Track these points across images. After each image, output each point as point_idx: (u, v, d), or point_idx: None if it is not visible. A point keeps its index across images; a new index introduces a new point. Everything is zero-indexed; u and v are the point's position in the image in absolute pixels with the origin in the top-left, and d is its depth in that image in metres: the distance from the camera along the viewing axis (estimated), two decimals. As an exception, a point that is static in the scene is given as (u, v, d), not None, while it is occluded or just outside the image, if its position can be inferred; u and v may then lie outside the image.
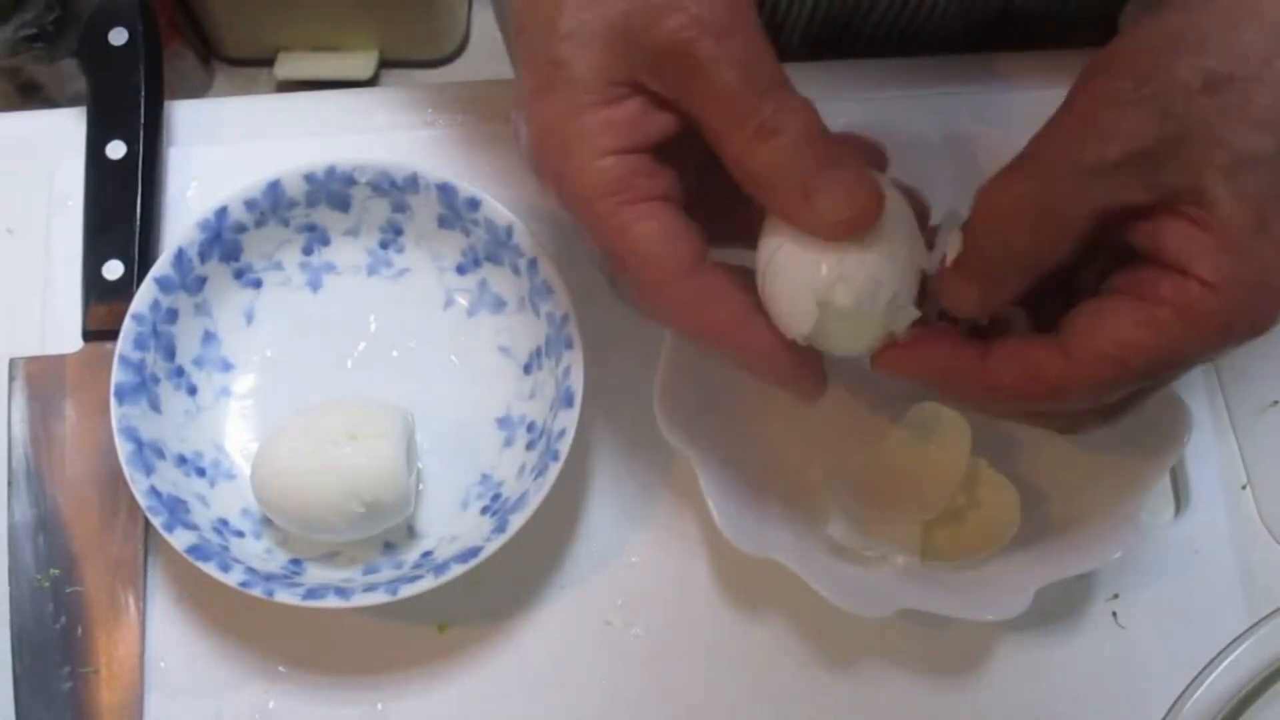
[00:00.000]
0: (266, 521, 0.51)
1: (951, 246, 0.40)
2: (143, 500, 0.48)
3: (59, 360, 0.54)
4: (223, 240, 0.53)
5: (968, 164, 0.57)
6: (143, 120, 0.57)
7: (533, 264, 0.52)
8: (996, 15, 0.63)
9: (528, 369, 0.53)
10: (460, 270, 0.55)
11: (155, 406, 0.51)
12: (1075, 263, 0.39)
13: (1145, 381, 0.38)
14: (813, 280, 0.39)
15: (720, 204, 0.42)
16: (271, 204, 0.53)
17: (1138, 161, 0.36)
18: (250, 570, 0.48)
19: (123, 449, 0.49)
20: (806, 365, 0.42)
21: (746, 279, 0.42)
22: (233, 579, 0.47)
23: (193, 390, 0.53)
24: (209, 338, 0.54)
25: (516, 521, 0.48)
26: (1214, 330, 0.37)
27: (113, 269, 0.55)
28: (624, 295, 0.42)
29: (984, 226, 0.39)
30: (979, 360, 0.40)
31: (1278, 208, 0.36)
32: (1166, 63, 0.37)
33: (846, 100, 0.59)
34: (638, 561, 0.53)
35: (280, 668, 0.51)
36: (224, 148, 0.59)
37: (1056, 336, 0.39)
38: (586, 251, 0.41)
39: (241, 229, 0.53)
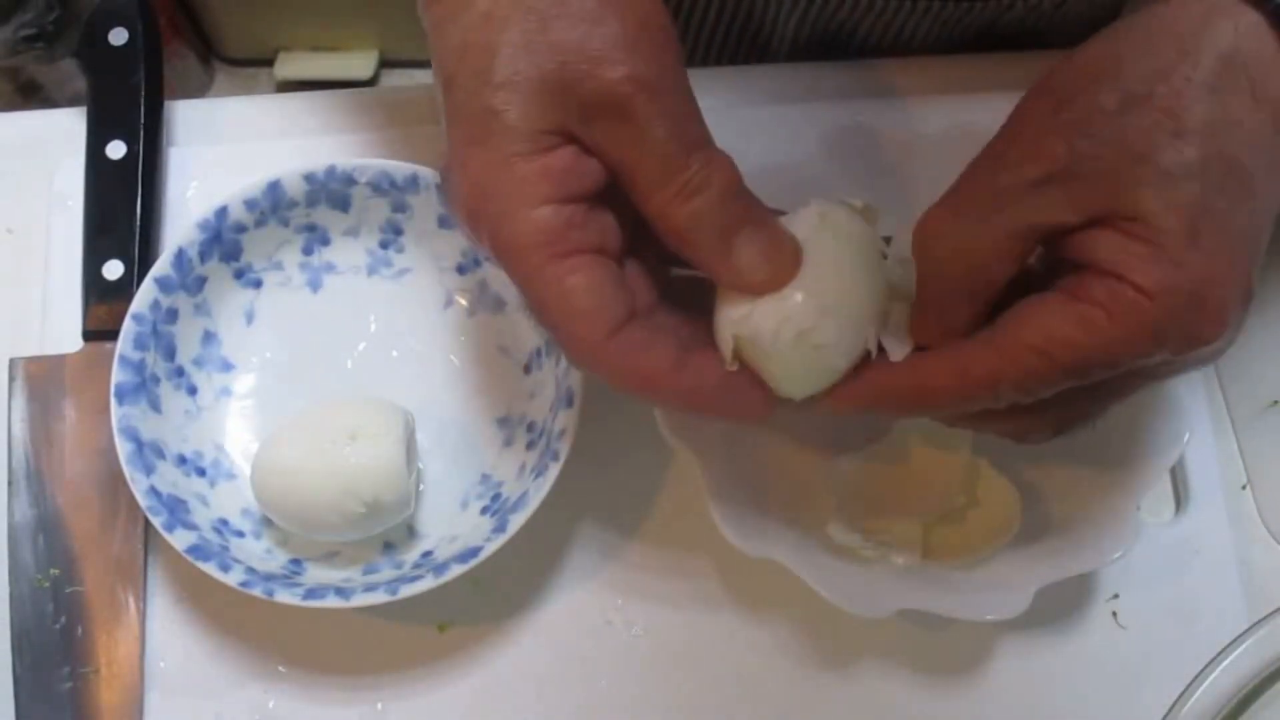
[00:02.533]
0: (266, 521, 0.51)
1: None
2: (143, 500, 0.48)
3: (59, 360, 0.54)
4: (223, 240, 0.53)
5: (958, 167, 0.57)
6: (143, 120, 0.57)
7: (533, 264, 0.52)
8: (977, 35, 0.63)
9: (528, 369, 0.53)
10: (460, 270, 0.55)
11: (155, 406, 0.51)
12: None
13: (1074, 376, 0.38)
14: (731, 316, 0.41)
15: None
16: (271, 204, 0.53)
17: (1057, 182, 0.37)
18: (250, 570, 0.48)
19: (123, 449, 0.49)
20: (743, 391, 0.41)
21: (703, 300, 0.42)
22: (233, 579, 0.47)
23: (193, 390, 0.53)
24: (209, 338, 0.54)
25: (516, 521, 0.48)
26: (1145, 335, 0.37)
27: (113, 269, 0.55)
28: (552, 342, 0.42)
29: (921, 261, 0.40)
30: (911, 370, 0.41)
31: (1208, 218, 0.37)
32: (1084, 87, 0.38)
33: (835, 102, 0.59)
34: (638, 561, 0.53)
35: (280, 668, 0.51)
36: (224, 148, 0.59)
37: (989, 333, 0.39)
38: (521, 301, 0.42)
39: (241, 229, 0.53)
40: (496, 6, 0.39)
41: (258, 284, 0.55)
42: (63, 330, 0.55)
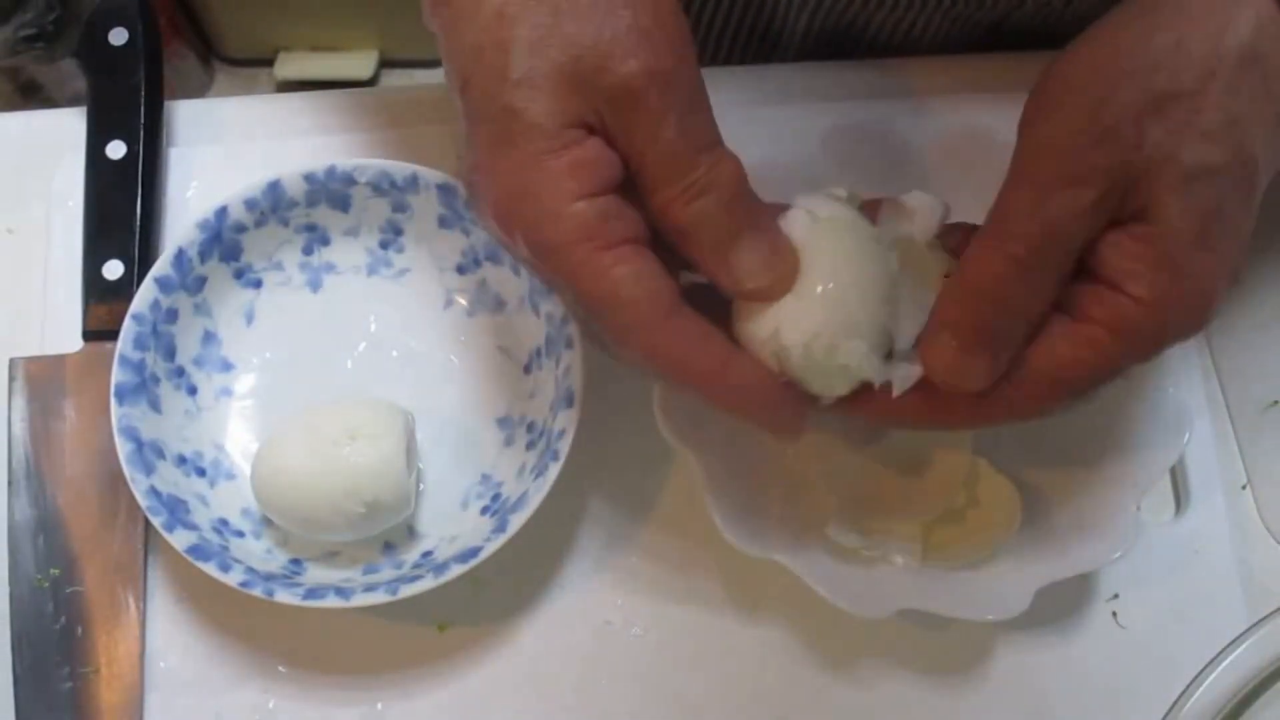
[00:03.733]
0: (266, 521, 0.51)
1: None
2: (143, 500, 0.48)
3: (59, 360, 0.54)
4: (223, 240, 0.53)
5: (967, 167, 0.57)
6: (143, 120, 0.57)
7: (533, 264, 0.52)
8: (987, 32, 0.63)
9: (528, 369, 0.53)
10: (460, 270, 0.55)
11: (155, 406, 0.51)
12: None
13: (1085, 393, 0.39)
14: (759, 331, 0.40)
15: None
16: (271, 204, 0.53)
17: (1108, 196, 0.37)
18: (250, 570, 0.48)
19: (123, 449, 0.49)
20: (789, 403, 0.41)
21: (716, 307, 0.42)
22: (233, 579, 0.47)
23: (193, 390, 0.53)
24: (209, 338, 0.54)
25: (516, 521, 0.48)
26: (1146, 341, 0.38)
27: (113, 269, 0.55)
28: (598, 341, 0.42)
29: (977, 298, 0.39)
30: (928, 392, 0.41)
31: (1218, 220, 0.37)
32: (1115, 88, 0.37)
33: (842, 101, 0.59)
34: (638, 561, 0.53)
35: (280, 668, 0.51)
36: (224, 148, 0.59)
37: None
38: (560, 300, 0.41)
39: (241, 229, 0.53)
40: (508, 4, 0.38)
41: (258, 284, 0.55)
42: (63, 330, 0.55)
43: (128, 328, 0.51)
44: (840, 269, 0.40)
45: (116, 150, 0.56)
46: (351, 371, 0.55)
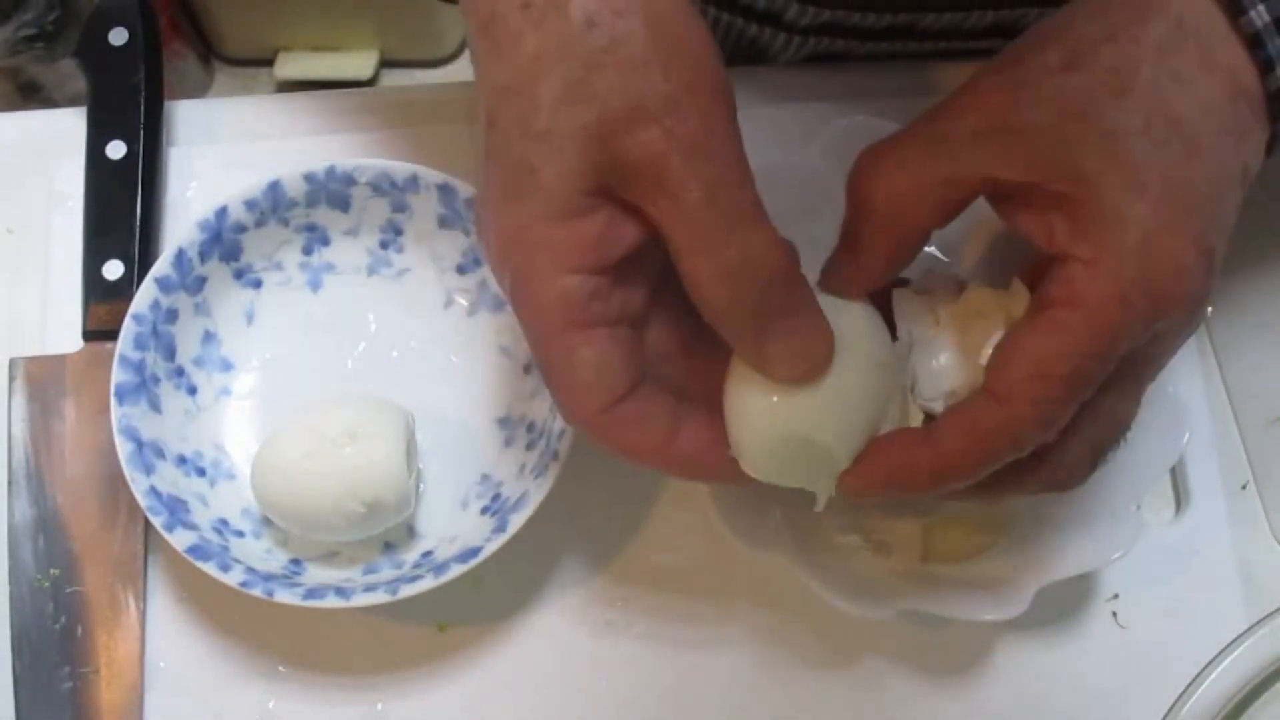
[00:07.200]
0: (266, 521, 0.51)
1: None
2: (143, 500, 0.48)
3: (59, 360, 0.54)
4: (223, 240, 0.53)
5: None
6: (143, 120, 0.57)
7: (533, 264, 0.52)
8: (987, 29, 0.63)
9: (528, 369, 0.53)
10: (460, 270, 0.55)
11: (155, 406, 0.51)
12: None
13: (1083, 384, 0.37)
14: (755, 415, 0.40)
15: None
16: (271, 204, 0.53)
17: (997, 135, 0.37)
18: (250, 570, 0.48)
19: (123, 449, 0.49)
20: (728, 470, 0.41)
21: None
22: (233, 579, 0.47)
23: (193, 390, 0.53)
24: (209, 338, 0.54)
25: (516, 521, 0.48)
26: (1109, 304, 0.36)
27: (113, 269, 0.55)
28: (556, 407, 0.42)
29: (851, 200, 0.40)
30: (925, 440, 0.39)
31: (1152, 173, 0.36)
32: (1034, 48, 0.38)
33: (837, 103, 0.59)
34: (638, 562, 0.53)
35: (280, 668, 0.51)
36: (224, 148, 0.59)
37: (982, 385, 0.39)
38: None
39: (241, 229, 0.53)
40: (545, 48, 0.37)
41: (258, 284, 0.55)
42: (63, 330, 0.55)
43: (128, 328, 0.51)
44: (840, 378, 0.39)
45: (116, 150, 0.56)
46: (351, 371, 0.55)
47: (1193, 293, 0.37)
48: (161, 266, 0.51)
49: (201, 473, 0.51)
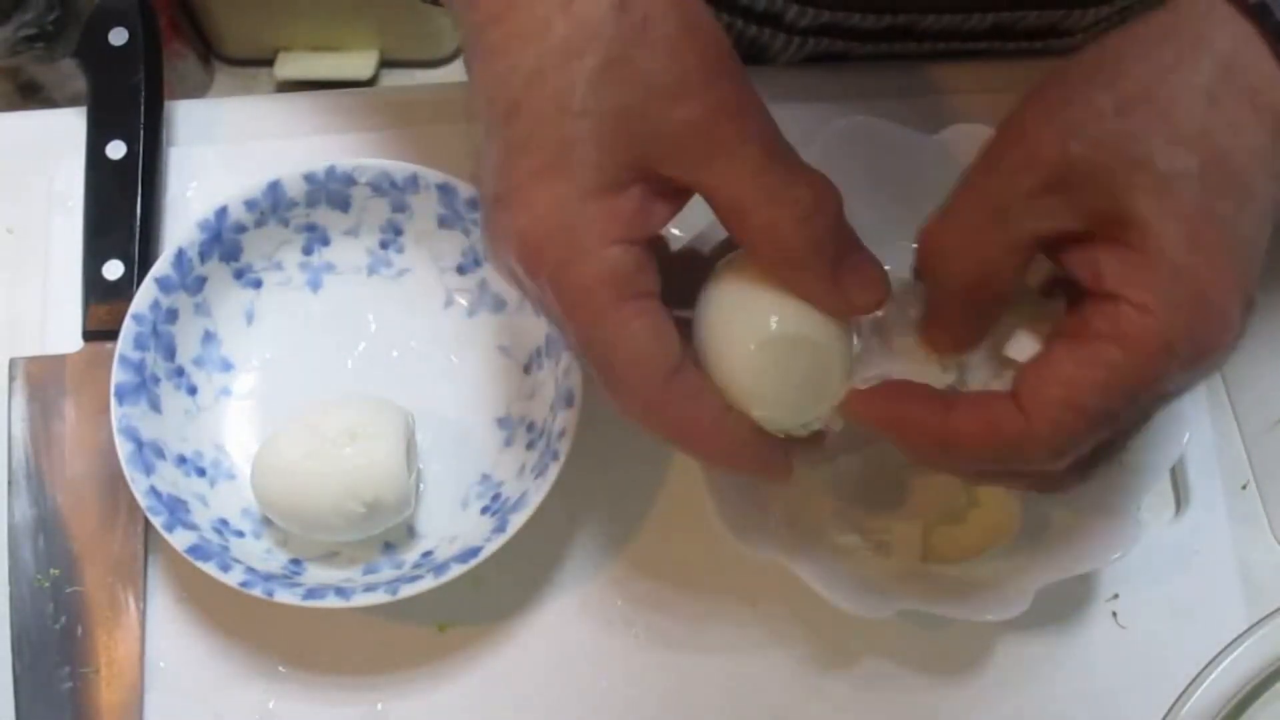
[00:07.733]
0: (266, 521, 0.51)
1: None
2: (143, 500, 0.48)
3: (59, 360, 0.54)
4: (223, 240, 0.53)
5: (962, 169, 0.57)
6: (143, 120, 0.57)
7: (533, 264, 0.52)
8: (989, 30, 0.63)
9: (528, 369, 0.53)
10: (460, 270, 0.55)
11: (155, 406, 0.51)
12: None
13: (1106, 422, 0.37)
14: (758, 325, 0.40)
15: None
16: (271, 204, 0.53)
17: (1055, 189, 0.37)
18: (250, 570, 0.48)
19: (123, 449, 0.49)
20: (774, 455, 0.42)
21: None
22: (233, 579, 0.47)
23: (193, 390, 0.53)
24: (209, 338, 0.54)
25: (516, 521, 0.48)
26: (1156, 351, 0.36)
27: (113, 269, 0.55)
28: (602, 388, 0.41)
29: (926, 277, 0.40)
30: (943, 409, 0.40)
31: (1208, 222, 0.36)
32: (1080, 90, 0.37)
33: (839, 103, 0.59)
34: (638, 561, 0.53)
35: (280, 668, 0.51)
36: (224, 148, 0.59)
37: (1016, 392, 0.39)
38: (567, 346, 0.41)
39: (241, 229, 0.53)
40: (575, 33, 0.37)
41: (258, 284, 0.55)
42: (63, 330, 0.55)
43: (128, 328, 0.51)
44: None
45: (116, 150, 0.56)
46: (351, 371, 0.55)
47: (1232, 344, 0.37)
48: (161, 266, 0.51)
49: (201, 473, 0.51)
